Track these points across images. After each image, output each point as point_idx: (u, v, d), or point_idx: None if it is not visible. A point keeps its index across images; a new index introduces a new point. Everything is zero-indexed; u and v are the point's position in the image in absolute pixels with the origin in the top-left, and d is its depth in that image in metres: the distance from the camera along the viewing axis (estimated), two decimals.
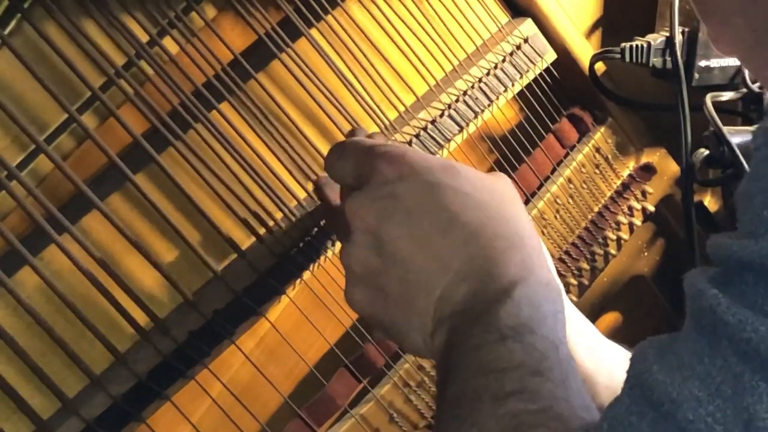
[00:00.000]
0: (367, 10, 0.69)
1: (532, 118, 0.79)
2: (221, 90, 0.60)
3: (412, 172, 0.47)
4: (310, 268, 0.61)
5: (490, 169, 0.78)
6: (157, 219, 0.57)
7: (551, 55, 0.80)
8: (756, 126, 0.37)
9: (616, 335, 0.84)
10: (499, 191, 0.47)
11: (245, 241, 0.60)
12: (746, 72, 0.81)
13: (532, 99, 0.79)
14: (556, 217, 0.78)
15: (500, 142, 0.77)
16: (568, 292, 0.77)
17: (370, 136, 0.56)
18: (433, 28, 0.73)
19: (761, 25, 0.40)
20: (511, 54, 0.77)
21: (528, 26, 0.79)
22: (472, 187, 0.46)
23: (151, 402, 0.54)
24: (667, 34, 0.80)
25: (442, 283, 0.44)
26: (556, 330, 0.43)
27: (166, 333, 0.55)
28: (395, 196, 0.46)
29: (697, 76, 0.80)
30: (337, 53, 0.67)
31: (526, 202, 0.77)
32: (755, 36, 0.41)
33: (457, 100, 0.72)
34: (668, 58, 0.80)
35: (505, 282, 0.43)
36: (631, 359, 0.38)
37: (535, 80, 0.79)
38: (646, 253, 0.86)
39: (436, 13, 0.74)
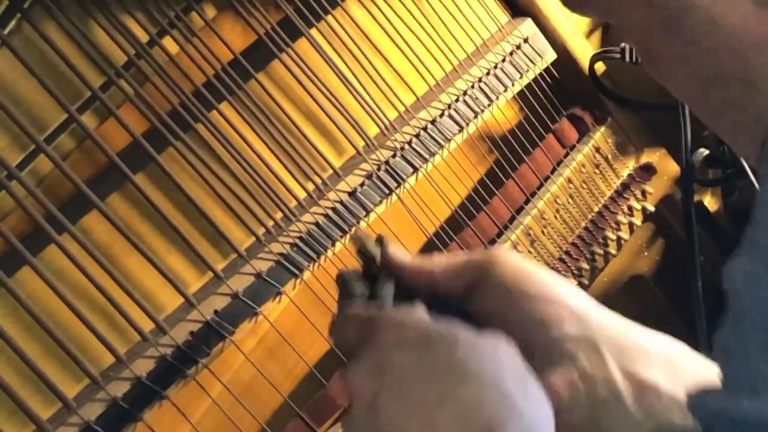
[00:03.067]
0: (367, 10, 0.69)
1: (532, 118, 0.79)
2: (221, 90, 0.60)
3: (409, 343, 0.46)
4: (310, 268, 0.61)
5: (490, 170, 0.78)
6: (157, 219, 0.57)
7: (551, 55, 0.80)
8: (729, 264, 0.36)
9: None
10: (497, 362, 0.46)
11: (245, 241, 0.60)
12: None
13: (532, 99, 0.79)
14: (556, 216, 0.78)
15: (500, 142, 0.77)
16: None
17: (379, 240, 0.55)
18: (433, 28, 0.73)
19: (706, 74, 0.40)
20: (511, 54, 0.77)
21: (528, 26, 0.79)
22: (469, 361, 0.45)
23: (151, 402, 0.54)
24: None
25: None
26: None
27: (166, 333, 0.55)
28: (389, 368, 0.45)
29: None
30: (337, 53, 0.67)
31: (526, 201, 0.77)
32: (701, 85, 0.41)
33: (457, 100, 0.72)
34: None
35: None
36: None
37: (535, 80, 0.79)
38: (646, 253, 0.86)
39: (436, 13, 0.74)
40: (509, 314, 0.49)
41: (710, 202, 0.92)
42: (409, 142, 0.68)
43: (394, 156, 0.67)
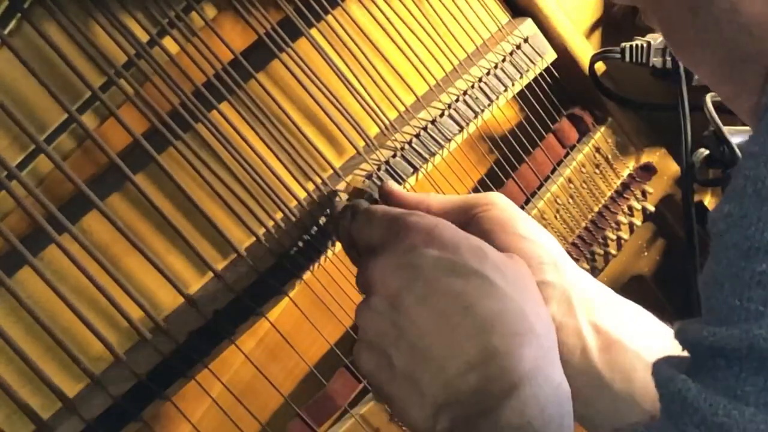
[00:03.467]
0: (367, 10, 0.69)
1: (532, 118, 0.79)
2: (221, 90, 0.60)
3: (441, 247, 0.47)
4: (310, 268, 0.61)
5: (490, 170, 0.78)
6: (157, 219, 0.57)
7: (551, 55, 0.80)
8: (713, 209, 0.38)
9: None
10: (520, 282, 0.47)
11: (245, 241, 0.60)
12: None
13: (532, 99, 0.79)
14: (556, 217, 0.78)
15: (500, 142, 0.77)
16: None
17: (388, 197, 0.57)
18: (433, 28, 0.73)
19: (727, 58, 0.42)
20: (511, 54, 0.77)
21: (528, 26, 0.79)
22: (496, 275, 0.46)
23: (151, 402, 0.54)
24: None
25: (451, 368, 0.44)
26: None
27: (165, 333, 0.55)
28: (420, 267, 0.46)
29: (697, 76, 0.80)
30: (337, 53, 0.67)
31: (526, 201, 0.77)
32: (722, 68, 0.43)
33: (457, 100, 0.72)
34: (668, 58, 0.80)
35: (514, 378, 0.43)
36: None
37: (535, 80, 0.79)
38: (646, 253, 0.86)
39: (436, 13, 0.74)
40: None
41: (710, 202, 0.92)
42: (409, 142, 0.68)
43: (394, 156, 0.67)
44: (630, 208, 0.83)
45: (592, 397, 0.52)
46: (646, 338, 0.53)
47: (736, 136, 0.76)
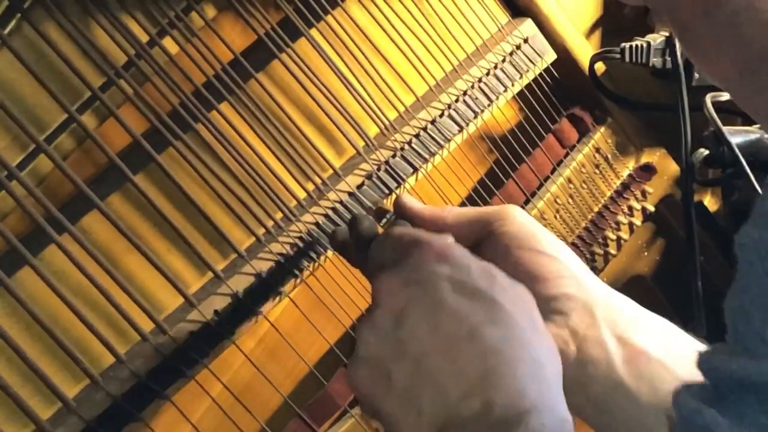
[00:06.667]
0: (367, 10, 0.69)
1: (532, 118, 0.79)
2: (221, 90, 0.60)
3: (451, 266, 0.46)
4: (310, 268, 0.61)
5: (490, 170, 0.78)
6: (157, 219, 0.57)
7: (551, 55, 0.80)
8: (740, 233, 0.37)
9: None
10: (526, 309, 0.46)
11: (245, 241, 0.60)
12: None
13: (532, 99, 0.79)
14: (556, 217, 0.78)
15: (500, 142, 0.77)
16: None
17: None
18: (433, 28, 0.73)
19: (744, 64, 0.41)
20: (511, 54, 0.77)
21: (528, 26, 0.79)
22: (504, 298, 0.45)
23: (151, 402, 0.54)
24: (667, 34, 0.80)
25: (454, 391, 0.42)
26: None
27: (165, 333, 0.55)
28: (428, 284, 0.45)
29: (696, 76, 0.80)
30: (337, 53, 0.67)
31: (526, 201, 0.77)
32: (737, 68, 0.41)
33: (456, 100, 0.72)
34: (668, 58, 0.80)
35: (520, 408, 0.41)
36: None
37: (535, 80, 0.79)
38: (646, 253, 0.86)
39: (436, 13, 0.74)
40: (514, 266, 0.50)
41: (710, 202, 0.92)
42: (409, 142, 0.68)
43: (394, 156, 0.67)
44: (630, 208, 0.83)
45: (618, 409, 0.51)
46: (671, 349, 0.53)
47: (736, 136, 0.76)
